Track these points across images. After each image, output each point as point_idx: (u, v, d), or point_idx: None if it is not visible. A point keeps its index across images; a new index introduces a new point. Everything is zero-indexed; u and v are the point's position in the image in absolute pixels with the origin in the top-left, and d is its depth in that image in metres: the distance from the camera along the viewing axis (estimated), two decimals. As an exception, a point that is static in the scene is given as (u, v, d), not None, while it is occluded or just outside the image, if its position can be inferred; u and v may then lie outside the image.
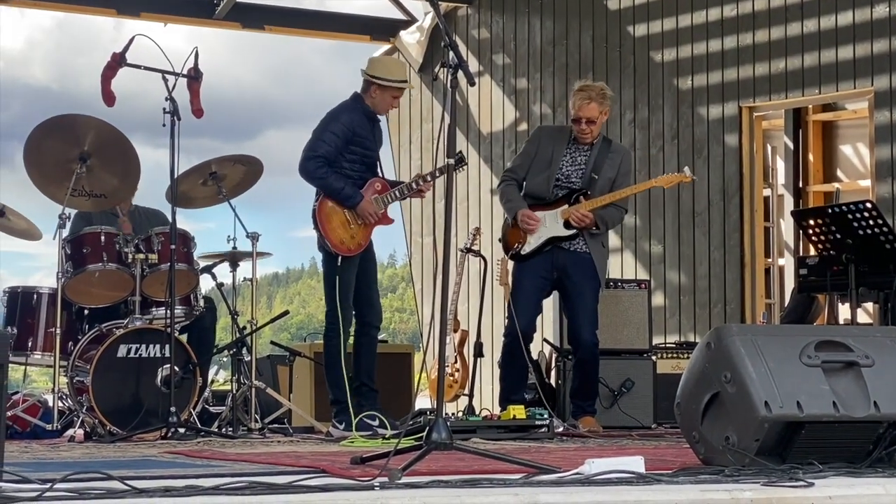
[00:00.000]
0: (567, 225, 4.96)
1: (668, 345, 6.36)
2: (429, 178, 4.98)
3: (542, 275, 5.04)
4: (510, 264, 5.24)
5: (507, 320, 5.19)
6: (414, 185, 5.00)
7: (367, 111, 4.88)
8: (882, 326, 4.36)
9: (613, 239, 6.50)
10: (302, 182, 4.96)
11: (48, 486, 2.10)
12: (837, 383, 2.80)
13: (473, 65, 7.38)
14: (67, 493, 2.05)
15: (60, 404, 4.90)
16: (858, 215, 4.47)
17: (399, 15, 8.29)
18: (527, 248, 5.03)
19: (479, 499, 2.14)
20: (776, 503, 2.28)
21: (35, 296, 5.09)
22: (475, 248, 5.59)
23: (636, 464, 2.56)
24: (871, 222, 4.44)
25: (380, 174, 4.98)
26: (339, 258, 4.86)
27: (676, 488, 2.37)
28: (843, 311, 4.95)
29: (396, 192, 4.90)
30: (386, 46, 8.01)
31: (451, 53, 2.92)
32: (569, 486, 2.34)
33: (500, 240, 5.31)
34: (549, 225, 5.01)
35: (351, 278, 4.88)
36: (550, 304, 5.56)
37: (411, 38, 7.99)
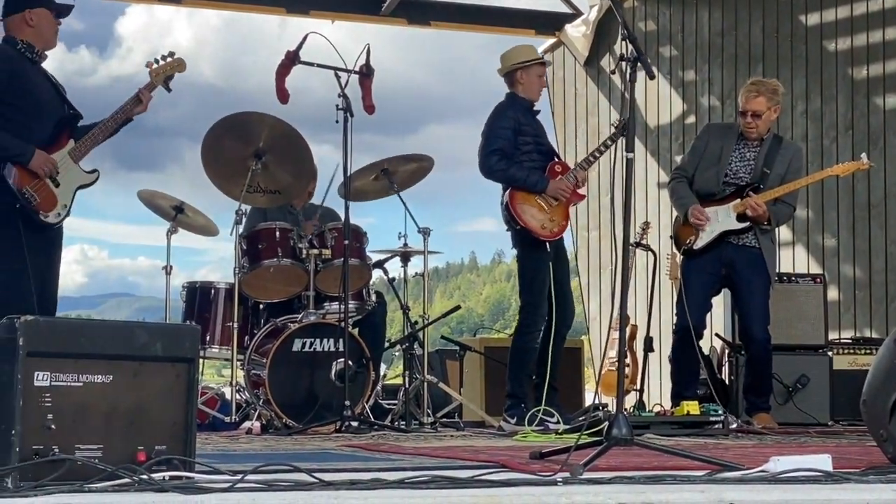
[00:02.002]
0: (740, 218, 4.99)
1: (844, 340, 6.27)
2: (608, 144, 5.05)
3: (711, 271, 5.12)
4: (679, 258, 5.27)
5: (676, 316, 5.20)
6: (595, 156, 5.15)
7: (524, 104, 5.06)
8: None
9: (786, 233, 6.41)
10: (463, 178, 5.24)
11: (239, 477, 2.13)
12: None
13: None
14: (257, 484, 2.09)
15: (238, 397, 5.03)
16: None
17: (564, 8, 8.35)
18: (699, 243, 5.09)
19: (665, 495, 2.09)
20: None
21: (212, 291, 5.29)
22: (644, 242, 5.61)
23: (823, 462, 2.51)
24: None
25: (557, 157, 5.12)
26: (544, 245, 4.88)
27: (868, 487, 2.30)
28: None
29: (579, 167, 5.07)
30: (551, 40, 8.11)
31: (631, 46, 2.92)
32: (755, 483, 2.30)
33: (670, 236, 5.38)
34: (721, 220, 5.12)
35: (548, 272, 4.94)
36: (721, 300, 5.54)
37: (577, 32, 8.01)
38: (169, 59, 4.58)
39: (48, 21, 4.55)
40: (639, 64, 2.94)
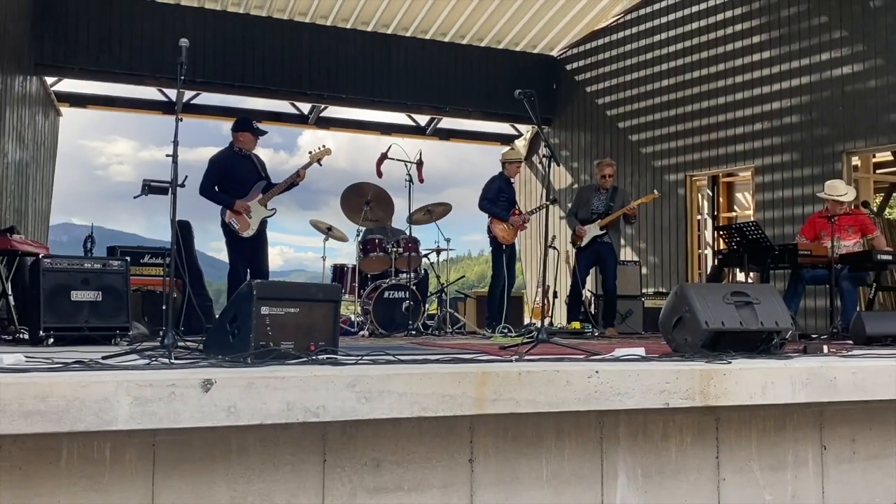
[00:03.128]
0: (602, 228, 8.05)
1: (648, 292, 9.91)
2: (539, 208, 8.34)
3: (589, 257, 8.12)
4: (573, 252, 8.34)
5: (571, 280, 8.14)
6: (533, 212, 8.43)
7: (506, 178, 8.22)
8: (761, 284, 6.26)
9: (625, 241, 10.46)
10: (465, 214, 8.63)
11: (359, 357, 3.21)
12: (742, 312, 3.99)
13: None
14: (368, 360, 3.15)
15: (358, 319, 7.87)
16: (749, 229, 7.16)
17: (514, 132, 13.79)
18: (583, 244, 8.19)
19: (564, 365, 3.20)
20: (711, 372, 3.32)
21: (345, 268, 8.30)
22: (553, 245, 8.91)
23: (640, 351, 3.74)
24: (755, 232, 7.11)
25: (517, 207, 8.29)
26: (503, 246, 8.03)
27: (661, 363, 3.37)
28: (739, 277, 8.13)
29: (526, 216, 8.28)
30: (508, 147, 13.08)
31: (549, 150, 4.72)
32: (608, 361, 3.38)
33: (570, 241, 8.43)
34: (591, 231, 8.14)
35: (503, 259, 8.03)
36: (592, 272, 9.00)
37: (520, 143, 13.13)
38: (321, 148, 7.09)
39: (250, 138, 7.00)
40: (552, 158, 4.73)
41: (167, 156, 3.41)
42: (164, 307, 3.64)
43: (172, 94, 11.79)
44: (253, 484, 3.04)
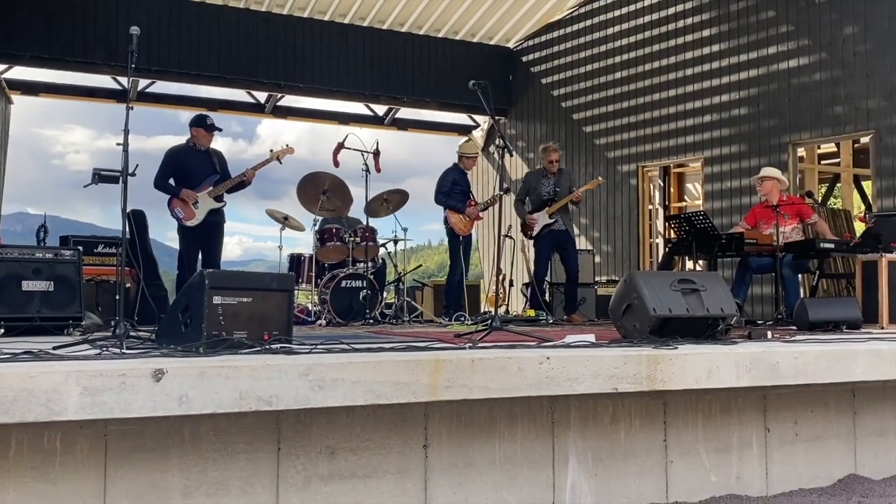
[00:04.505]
0: (551, 216, 8.10)
1: (601, 280, 10.16)
2: (493, 200, 8.39)
3: (547, 245, 8.20)
4: (526, 241, 8.48)
5: (533, 268, 8.27)
6: (488, 203, 8.47)
7: (460, 170, 8.32)
8: (707, 272, 6.77)
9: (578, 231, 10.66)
10: (424, 204, 8.67)
11: (314, 346, 3.28)
12: (688, 299, 4.16)
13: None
14: (322, 348, 3.25)
15: (315, 308, 7.92)
16: (697, 218, 7.30)
17: (471, 123, 13.84)
18: (535, 232, 8.26)
19: (516, 352, 3.29)
20: (658, 357, 3.46)
21: (302, 257, 8.30)
22: (509, 234, 8.90)
23: (590, 338, 3.92)
24: (704, 222, 7.26)
25: (472, 198, 8.42)
26: (460, 237, 8.16)
27: (610, 349, 3.53)
28: (687, 264, 8.36)
29: (481, 206, 8.38)
30: (466, 138, 12.85)
31: (502, 141, 4.88)
32: (559, 348, 3.53)
33: (521, 231, 8.51)
34: (541, 220, 8.21)
35: (463, 248, 8.16)
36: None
37: (477, 134, 13.16)
38: (285, 147, 7.15)
39: (203, 134, 7.05)
40: (505, 149, 4.85)
41: (118, 144, 3.39)
42: (116, 297, 3.62)
43: (126, 82, 11.60)
44: (207, 473, 3.06)
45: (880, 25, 9.03)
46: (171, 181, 7.04)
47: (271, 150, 7.15)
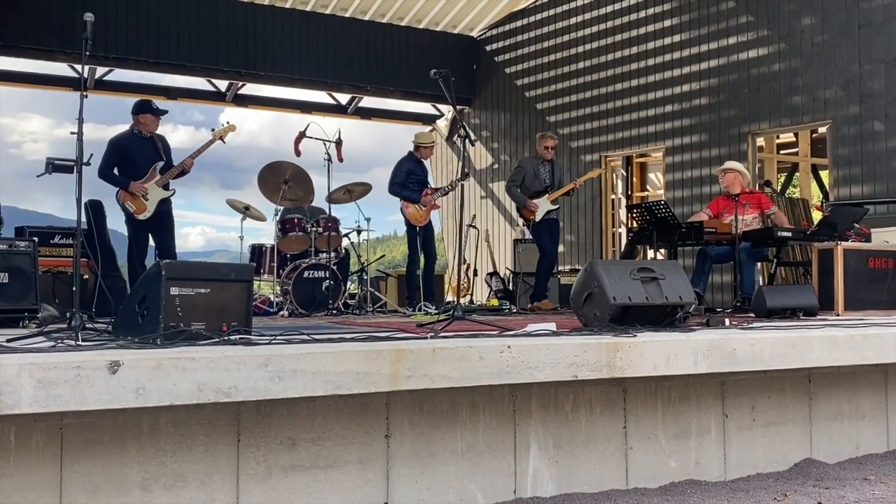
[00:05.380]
0: (553, 202, 8.08)
1: (564, 270, 10.31)
2: (451, 186, 8.34)
3: (543, 230, 8.07)
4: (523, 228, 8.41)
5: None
6: (446, 191, 8.36)
7: (416, 159, 8.21)
8: (667, 260, 6.56)
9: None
10: (388, 194, 8.46)
11: (273, 336, 3.26)
12: (648, 287, 4.22)
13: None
14: (282, 339, 3.24)
15: (277, 299, 7.80)
16: (658, 207, 7.35)
17: (436, 112, 13.79)
18: (538, 218, 8.13)
19: (478, 341, 3.32)
20: (618, 345, 3.52)
21: (264, 248, 8.21)
22: (473, 224, 9.21)
23: (551, 326, 3.96)
24: (664, 211, 7.32)
25: (429, 187, 8.28)
26: (416, 227, 8.04)
27: (571, 337, 3.58)
28: (649, 254, 8.44)
29: (438, 193, 8.29)
30: (430, 128, 13.20)
31: (464, 130, 4.93)
32: (520, 336, 3.55)
33: (521, 217, 8.33)
34: (543, 206, 8.08)
35: (420, 239, 8.04)
36: (508, 243, 9.42)
37: (441, 123, 13.15)
38: (225, 125, 7.00)
39: (151, 119, 6.96)
40: (467, 138, 4.90)
41: (72, 133, 3.33)
42: (73, 289, 3.57)
43: (82, 70, 11.34)
44: (166, 465, 3.03)
45: (837, 16, 9.16)
46: (116, 170, 6.95)
47: (212, 130, 7.10)
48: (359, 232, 8.26)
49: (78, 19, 4.08)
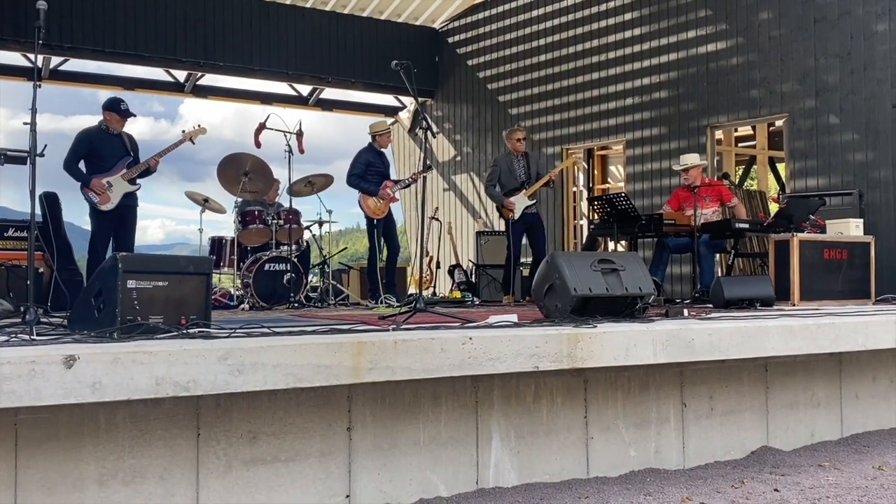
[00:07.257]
0: (531, 198, 7.93)
1: (528, 261, 9.35)
2: (413, 178, 8.30)
3: (521, 227, 7.99)
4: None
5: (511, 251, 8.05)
6: (406, 182, 8.27)
7: (375, 150, 8.10)
8: (626, 252, 7.11)
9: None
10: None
11: (233, 330, 3.22)
12: (608, 278, 4.29)
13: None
14: (242, 332, 3.20)
15: (237, 293, 7.73)
16: (618, 200, 7.47)
17: (398, 104, 13.76)
18: (516, 216, 8.00)
19: (439, 333, 3.31)
20: (578, 336, 3.56)
21: (224, 240, 8.13)
22: (436, 217, 9.20)
23: (513, 318, 3.97)
24: (624, 203, 7.43)
25: (390, 179, 8.14)
26: (374, 220, 7.96)
27: (532, 328, 3.63)
28: (610, 245, 8.52)
29: (398, 186, 8.15)
30: (392, 119, 13.25)
31: (426, 122, 4.87)
32: (482, 328, 3.64)
33: (500, 215, 8.26)
34: (520, 203, 8.00)
35: (380, 231, 7.98)
36: (470, 237, 9.47)
37: (404, 115, 13.16)
38: (196, 127, 7.04)
39: (116, 119, 6.97)
40: (428, 129, 4.86)
41: (24, 124, 3.26)
42: (27, 282, 3.50)
43: (35, 59, 11.09)
44: (123, 460, 2.99)
45: (794, 11, 9.30)
46: (82, 164, 6.89)
47: (183, 131, 7.07)
48: (320, 224, 8.23)
49: (31, 7, 3.99)
